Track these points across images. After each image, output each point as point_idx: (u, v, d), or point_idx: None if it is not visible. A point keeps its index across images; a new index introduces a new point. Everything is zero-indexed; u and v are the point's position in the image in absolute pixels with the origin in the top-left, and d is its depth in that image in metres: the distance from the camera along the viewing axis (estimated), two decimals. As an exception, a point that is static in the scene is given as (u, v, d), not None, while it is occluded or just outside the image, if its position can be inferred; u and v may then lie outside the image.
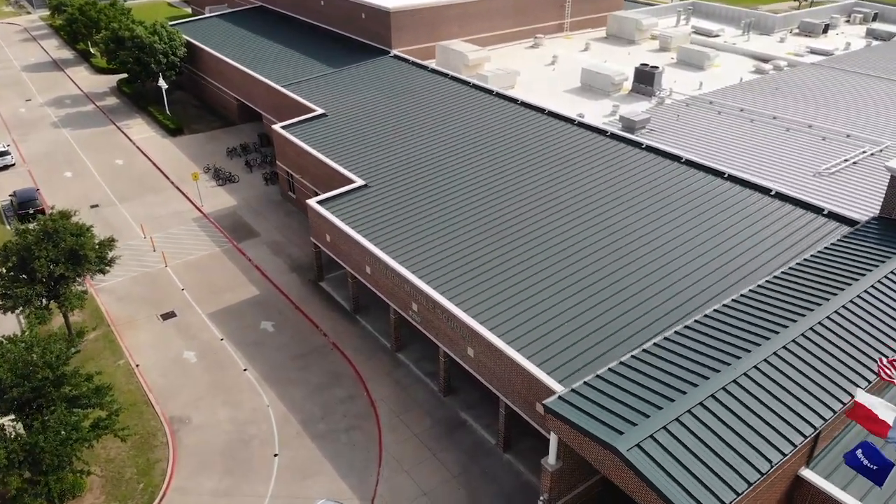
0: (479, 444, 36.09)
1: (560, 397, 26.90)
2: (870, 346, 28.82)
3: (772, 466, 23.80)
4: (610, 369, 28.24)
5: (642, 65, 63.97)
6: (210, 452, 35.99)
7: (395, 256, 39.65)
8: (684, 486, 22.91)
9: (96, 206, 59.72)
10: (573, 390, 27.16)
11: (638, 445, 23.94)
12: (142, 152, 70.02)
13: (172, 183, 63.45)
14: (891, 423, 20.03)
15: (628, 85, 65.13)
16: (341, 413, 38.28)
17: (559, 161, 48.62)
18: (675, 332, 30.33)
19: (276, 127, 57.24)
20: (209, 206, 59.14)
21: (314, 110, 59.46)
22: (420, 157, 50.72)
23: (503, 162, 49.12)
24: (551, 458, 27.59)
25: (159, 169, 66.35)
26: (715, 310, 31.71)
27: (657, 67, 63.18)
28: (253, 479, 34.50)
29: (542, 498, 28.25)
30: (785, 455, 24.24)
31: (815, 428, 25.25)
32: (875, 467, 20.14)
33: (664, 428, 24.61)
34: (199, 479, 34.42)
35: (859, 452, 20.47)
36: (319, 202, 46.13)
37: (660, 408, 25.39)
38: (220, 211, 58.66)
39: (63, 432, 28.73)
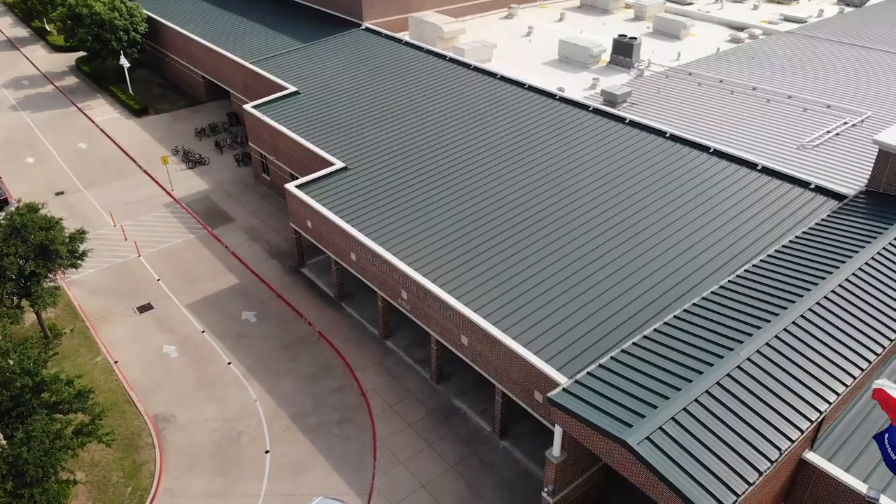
0: (475, 432, 35.62)
1: (564, 389, 26.39)
2: (869, 325, 28.79)
3: (781, 454, 23.67)
4: (612, 358, 27.80)
5: (620, 36, 62.99)
6: (198, 452, 34.93)
7: (382, 243, 38.58)
8: (696, 479, 22.64)
9: (61, 193, 57.22)
10: (577, 382, 26.67)
11: (648, 438, 23.57)
12: (106, 135, 67.20)
13: (140, 167, 61.07)
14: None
15: (606, 57, 64.18)
16: (332, 405, 37.44)
17: (544, 139, 47.70)
18: (675, 317, 29.97)
19: (248, 107, 55.19)
20: (180, 191, 57.10)
21: (286, 88, 57.46)
22: (400, 137, 49.35)
23: (487, 140, 48.02)
24: (555, 451, 27.17)
25: (125, 152, 63.77)
26: (712, 292, 31.42)
27: (636, 39, 62.28)
28: (245, 478, 33.59)
29: (546, 489, 27.90)
30: (793, 441, 24.12)
31: (821, 412, 25.17)
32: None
33: (672, 419, 24.27)
34: (189, 480, 33.41)
35: (886, 438, 20.17)
36: (298, 186, 44.70)
37: (666, 398, 25.03)
38: (191, 195, 56.67)
39: (46, 442, 27.40)
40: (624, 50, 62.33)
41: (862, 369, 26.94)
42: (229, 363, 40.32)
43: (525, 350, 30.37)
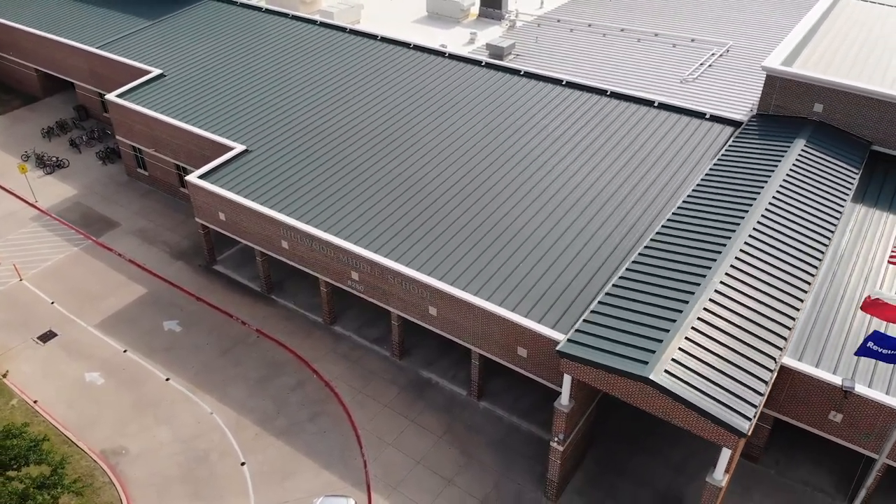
0: (452, 400, 35.52)
1: (570, 340, 26.97)
2: (808, 228, 31.98)
3: (776, 361, 25.90)
4: (600, 302, 28.76)
5: (487, -13, 63.31)
6: (165, 480, 31.92)
7: (317, 225, 36.75)
8: (718, 399, 24.23)
9: None
10: (579, 331, 27.34)
11: (666, 371, 24.78)
12: (-75, 148, 57.47)
13: (-15, 180, 53.11)
14: (902, 307, 22.15)
15: (475, 10, 64.36)
16: (297, 403, 35.58)
17: (446, 98, 47.26)
18: (639, 255, 31.45)
19: (112, 96, 49.52)
20: (45, 201, 50.43)
21: (148, 71, 52.18)
22: (294, 112, 46.70)
23: (388, 106, 46.73)
24: (564, 399, 27.82)
25: (-42, 165, 55.03)
26: (662, 226, 33.24)
27: (503, -11, 62.88)
28: (226, 495, 31.27)
29: (556, 439, 28.57)
30: (781, 349, 26.46)
31: (794, 318, 27.76)
32: (889, 351, 22.41)
33: (679, 348, 25.67)
34: (166, 512, 30.59)
35: (871, 344, 22.52)
36: (200, 177, 41.17)
37: (666, 330, 26.38)
38: (60, 204, 50.26)
39: (12, 507, 23.78)
40: (492, 2, 62.77)
41: (816, 268, 30.03)
42: (167, 379, 36.91)
43: (505, 310, 30.67)
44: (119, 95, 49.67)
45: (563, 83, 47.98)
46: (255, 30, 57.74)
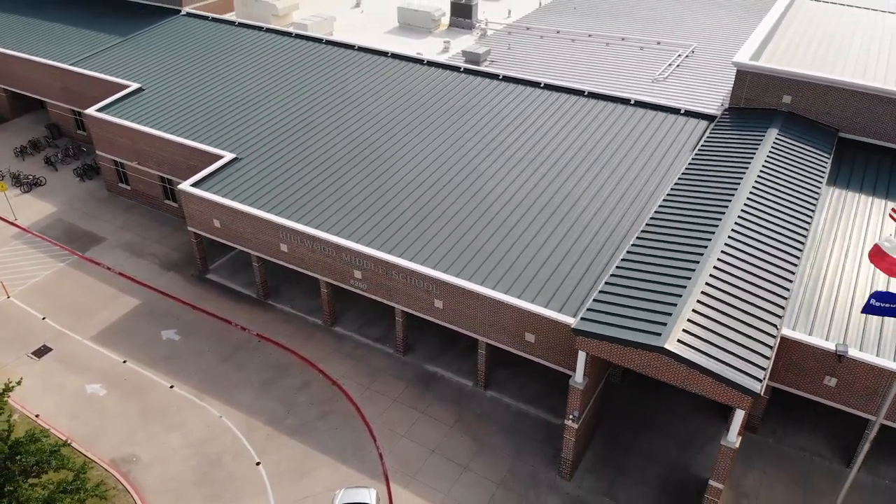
0: (459, 391, 36.23)
1: (584, 318, 28.08)
2: (791, 207, 33.93)
3: (777, 327, 27.47)
4: (607, 283, 30.02)
5: (457, -2, 64.97)
6: (180, 484, 31.79)
7: (317, 226, 37.29)
8: (730, 364, 25.60)
9: None
10: (591, 309, 28.51)
11: (679, 341, 26.07)
12: None
13: (-43, 201, 51.88)
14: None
15: (446, 20, 65.86)
16: (305, 402, 35.81)
17: (429, 101, 48.35)
18: (637, 238, 32.91)
19: (92, 111, 49.21)
20: (25, 219, 49.55)
21: (126, 86, 52.00)
22: (279, 120, 47.18)
23: (372, 111, 47.58)
24: (578, 377, 28.87)
25: (-73, 188, 53.60)
26: (656, 211, 34.81)
27: (473, 0, 64.59)
28: (244, 496, 31.31)
29: (571, 416, 29.57)
30: (780, 317, 28.06)
31: (789, 289, 29.47)
32: (893, 306, 23.91)
33: (688, 319, 27.02)
34: (185, 515, 30.47)
35: (874, 301, 23.94)
36: (193, 185, 41.29)
37: (674, 304, 27.73)
38: (41, 221, 49.45)
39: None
40: (463, 11, 64.39)
41: (803, 243, 31.93)
42: (171, 387, 36.74)
43: (515, 299, 31.82)
44: (98, 110, 49.37)
45: (542, 85, 49.60)
46: (230, 43, 58.02)
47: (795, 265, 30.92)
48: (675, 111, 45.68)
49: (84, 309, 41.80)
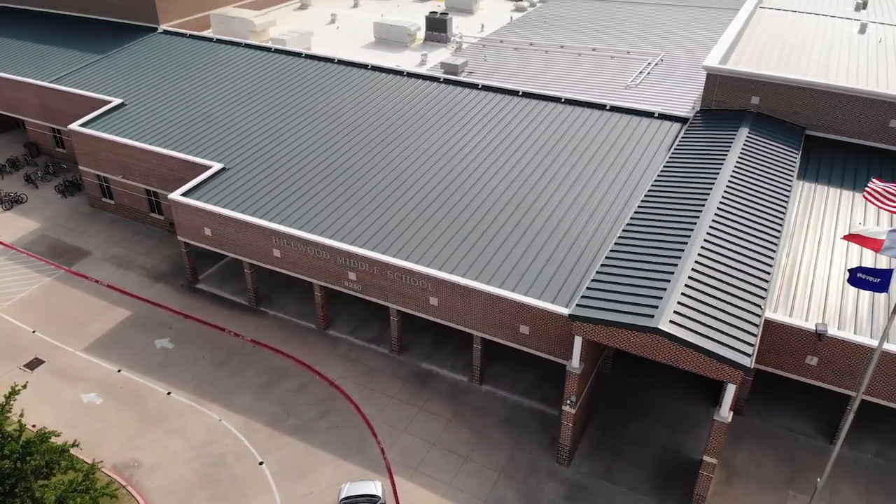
0: (455, 387, 37.06)
1: (579, 304, 29.27)
2: (766, 199, 35.69)
3: (762, 308, 28.98)
4: (598, 271, 31.34)
5: (432, 13, 66.56)
6: (185, 486, 31.96)
7: (310, 231, 38.03)
8: (720, 341, 26.96)
9: None
10: (585, 296, 29.73)
11: (671, 321, 27.39)
12: None
13: (-65, 220, 51.34)
14: (882, 238, 25.07)
15: (421, 35, 67.39)
16: (304, 403, 36.27)
17: (412, 110, 49.56)
18: (624, 230, 34.35)
19: (75, 126, 49.40)
20: (8, 236, 49.24)
21: (107, 101, 52.30)
22: (263, 131, 47.97)
23: (356, 120, 48.60)
24: (575, 362, 29.97)
25: None
26: (638, 207, 36.33)
27: (447, 14, 66.30)
28: (250, 494, 31.61)
29: (568, 401, 30.60)
30: (764, 298, 29.60)
31: (769, 272, 31.08)
32: (877, 279, 25.36)
33: (678, 301, 28.37)
34: (191, 516, 30.65)
35: (860, 275, 25.30)
36: (182, 195, 41.74)
37: (663, 288, 29.09)
38: (24, 237, 49.20)
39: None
40: (438, 26, 66.00)
41: (779, 231, 33.63)
42: (168, 393, 36.89)
43: (513, 293, 32.91)
44: (82, 125, 49.54)
45: (520, 93, 51.22)
46: (210, 58, 58.68)
47: (774, 251, 32.61)
48: (650, 114, 47.58)
49: (74, 321, 41.74)
